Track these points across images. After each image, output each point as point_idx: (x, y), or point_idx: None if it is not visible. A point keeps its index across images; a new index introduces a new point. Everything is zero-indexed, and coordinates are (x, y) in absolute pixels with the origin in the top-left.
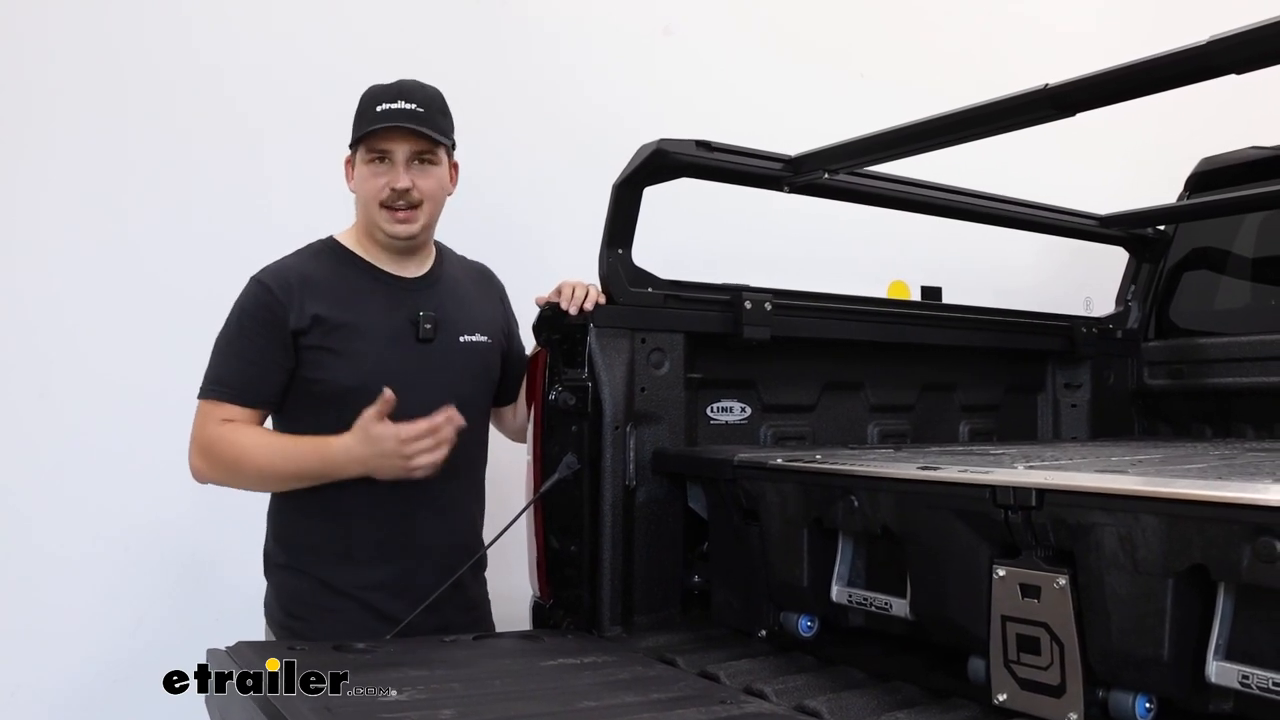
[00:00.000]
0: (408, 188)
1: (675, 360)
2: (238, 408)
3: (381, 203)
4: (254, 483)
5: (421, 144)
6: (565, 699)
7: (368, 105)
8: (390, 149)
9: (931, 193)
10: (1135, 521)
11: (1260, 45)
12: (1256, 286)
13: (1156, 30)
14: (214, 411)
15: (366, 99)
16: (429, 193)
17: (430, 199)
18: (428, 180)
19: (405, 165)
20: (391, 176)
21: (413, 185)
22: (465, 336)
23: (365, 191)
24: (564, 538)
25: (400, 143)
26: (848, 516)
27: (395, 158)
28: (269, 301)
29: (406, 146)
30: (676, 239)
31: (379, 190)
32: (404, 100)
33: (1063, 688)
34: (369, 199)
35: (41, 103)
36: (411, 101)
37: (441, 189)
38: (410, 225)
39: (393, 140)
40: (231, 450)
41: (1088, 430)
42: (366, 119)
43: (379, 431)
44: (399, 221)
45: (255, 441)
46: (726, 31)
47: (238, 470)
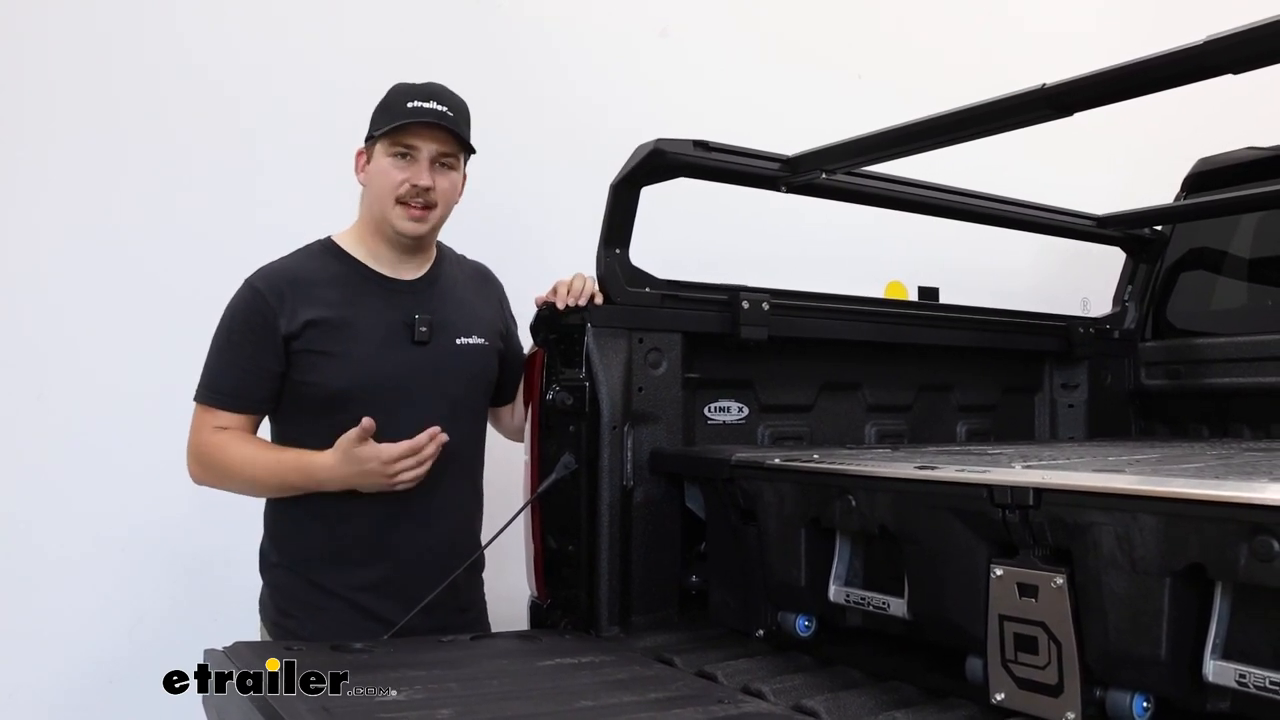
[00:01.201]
0: (429, 186)
1: (673, 360)
2: (230, 414)
3: (398, 198)
4: (245, 490)
5: (448, 145)
6: (563, 699)
7: (396, 101)
8: (418, 146)
9: (929, 193)
10: (1133, 521)
11: (1257, 45)
12: (1253, 287)
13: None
14: (208, 418)
15: (395, 94)
16: (445, 195)
17: (444, 202)
18: (445, 183)
19: (429, 164)
20: (414, 173)
21: (434, 184)
22: (462, 339)
23: (383, 185)
24: (561, 538)
25: (429, 141)
26: (845, 516)
27: (420, 155)
28: (259, 306)
29: (434, 145)
30: (674, 239)
31: (398, 185)
32: (435, 101)
33: (1060, 687)
34: (386, 193)
35: (36, 104)
36: (444, 104)
37: (455, 194)
38: (421, 224)
39: (421, 138)
40: (221, 460)
41: (1085, 430)
42: (394, 113)
43: (361, 452)
44: (412, 219)
45: (242, 455)
46: (724, 32)
47: (228, 479)
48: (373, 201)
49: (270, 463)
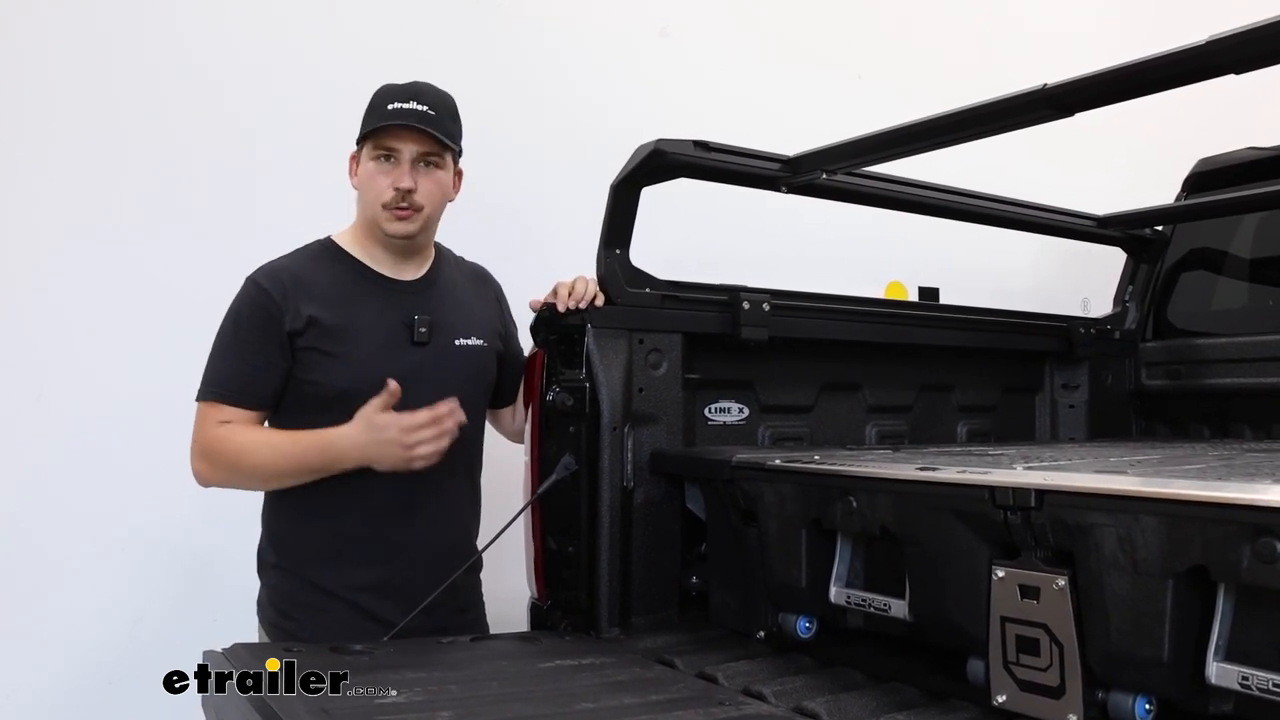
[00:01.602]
0: (411, 188)
1: (673, 361)
2: (235, 409)
3: (384, 203)
4: (255, 481)
5: (428, 145)
6: (563, 701)
7: (379, 102)
8: (397, 148)
9: (929, 193)
10: (1135, 522)
11: (1258, 45)
12: (1254, 287)
13: (1156, 30)
14: (212, 414)
15: (379, 96)
16: (430, 195)
17: (431, 202)
18: (430, 183)
19: (410, 166)
20: (396, 176)
21: (415, 186)
22: (461, 340)
23: (369, 190)
24: (562, 539)
25: (408, 142)
26: (846, 517)
27: (401, 157)
28: (264, 302)
29: (414, 147)
30: (674, 239)
31: (382, 190)
32: (416, 101)
33: (1062, 689)
34: (372, 198)
35: (35, 104)
36: (424, 103)
37: (443, 194)
38: (408, 225)
39: (400, 139)
40: (231, 450)
41: (1085, 431)
42: (376, 115)
43: (382, 419)
44: (399, 220)
45: (254, 439)
46: (723, 32)
47: (239, 469)
48: (363, 205)
49: (284, 442)
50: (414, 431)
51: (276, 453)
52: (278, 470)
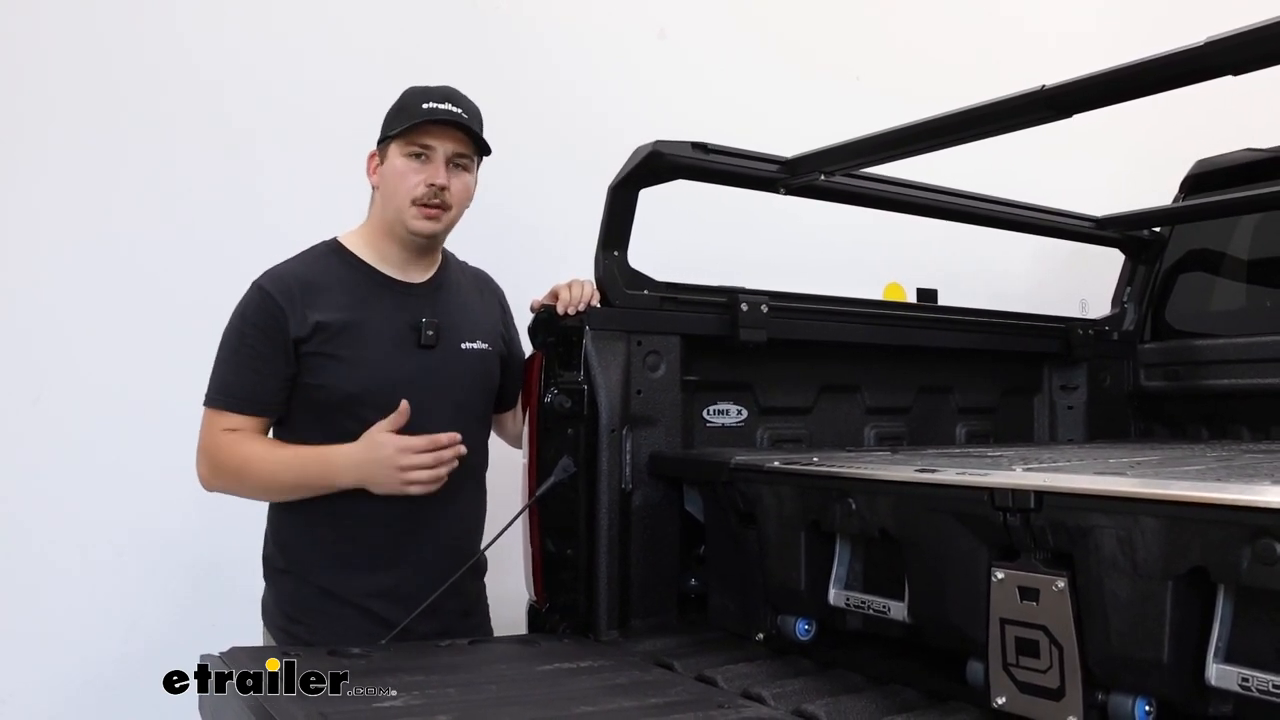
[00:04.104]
0: (445, 185)
1: (671, 363)
2: (241, 416)
3: (414, 199)
4: (258, 492)
5: (464, 145)
6: (561, 703)
7: (411, 102)
8: (433, 145)
9: (927, 195)
10: (1134, 523)
11: (1257, 47)
12: (1252, 288)
13: (1155, 31)
14: (218, 420)
15: (410, 96)
16: (459, 196)
17: (458, 203)
18: (459, 184)
19: (444, 163)
20: (430, 173)
21: (448, 184)
22: (467, 343)
23: (398, 185)
24: (560, 541)
25: (445, 140)
26: (845, 519)
27: (436, 155)
28: (270, 308)
29: (450, 145)
30: (673, 241)
31: (414, 186)
32: (450, 103)
33: (1062, 691)
34: (401, 193)
35: (35, 107)
36: (459, 106)
37: (469, 197)
38: (434, 224)
39: (437, 137)
40: (235, 460)
41: (1084, 432)
42: (410, 113)
43: (382, 438)
44: (427, 218)
45: (259, 451)
46: (722, 34)
47: (241, 479)
48: (387, 202)
49: (288, 456)
50: (410, 454)
51: (279, 466)
52: (280, 484)
